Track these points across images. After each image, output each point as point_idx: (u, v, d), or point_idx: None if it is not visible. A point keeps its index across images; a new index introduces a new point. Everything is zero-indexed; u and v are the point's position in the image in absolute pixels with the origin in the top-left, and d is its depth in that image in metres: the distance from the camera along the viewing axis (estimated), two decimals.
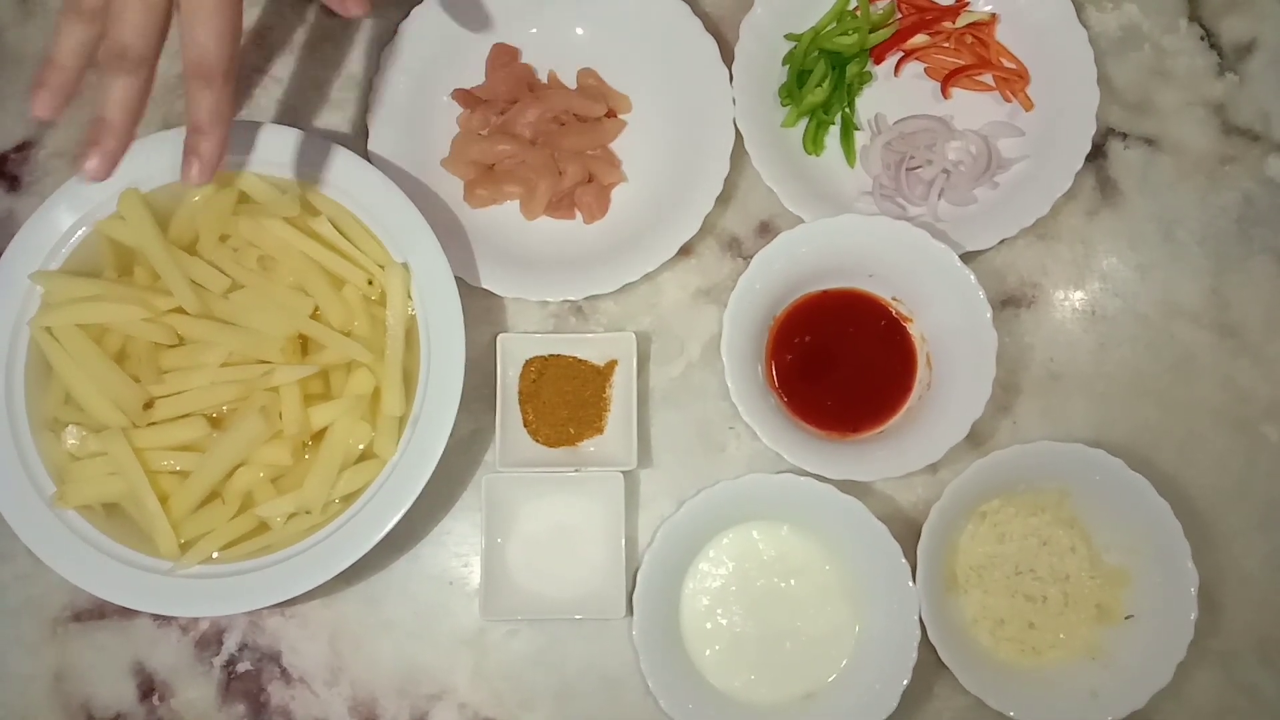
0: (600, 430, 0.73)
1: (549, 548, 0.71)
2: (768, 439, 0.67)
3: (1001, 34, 0.78)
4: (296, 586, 0.65)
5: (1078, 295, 0.77)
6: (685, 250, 0.75)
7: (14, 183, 0.78)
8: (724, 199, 0.75)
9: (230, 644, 0.72)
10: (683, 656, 0.69)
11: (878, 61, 0.79)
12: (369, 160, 0.73)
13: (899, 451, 0.69)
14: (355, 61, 0.80)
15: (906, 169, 0.76)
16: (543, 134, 0.76)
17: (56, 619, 0.72)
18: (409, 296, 0.68)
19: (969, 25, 0.78)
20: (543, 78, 0.79)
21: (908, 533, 0.69)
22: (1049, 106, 0.77)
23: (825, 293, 0.74)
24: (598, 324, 0.76)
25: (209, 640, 0.72)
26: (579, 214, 0.77)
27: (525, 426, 0.73)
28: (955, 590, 0.71)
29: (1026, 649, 0.70)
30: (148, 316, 0.67)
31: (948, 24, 0.78)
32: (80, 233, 0.69)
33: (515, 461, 0.71)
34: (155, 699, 0.71)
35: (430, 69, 0.77)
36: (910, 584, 0.66)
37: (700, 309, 0.76)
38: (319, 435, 0.68)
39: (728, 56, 0.76)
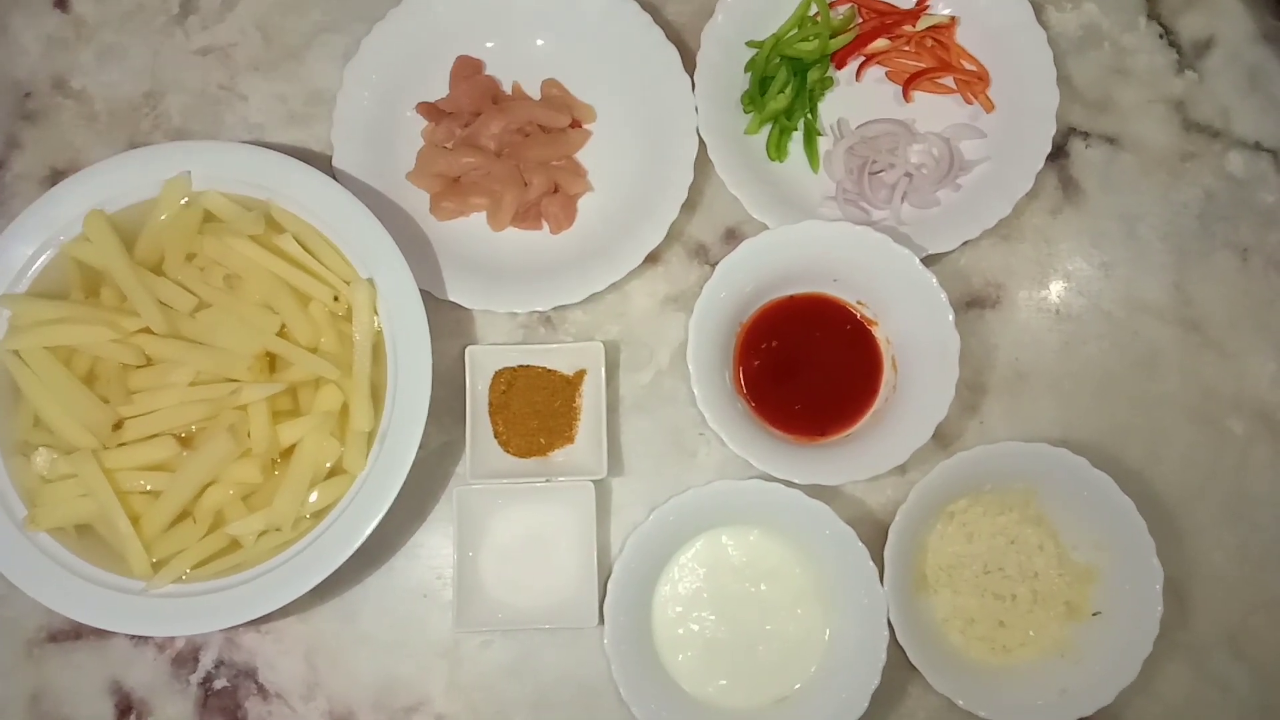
0: (571, 440, 0.73)
1: (521, 558, 0.72)
2: (735, 445, 0.68)
3: (961, 36, 0.79)
4: (270, 603, 0.65)
5: (1042, 294, 0.77)
6: (652, 258, 0.75)
7: None
8: (689, 207, 0.76)
9: (207, 661, 0.72)
10: (655, 663, 0.69)
11: (839, 66, 0.79)
12: (334, 176, 0.73)
13: (865, 454, 0.69)
14: (319, 77, 0.80)
15: (870, 173, 0.76)
16: (508, 145, 0.77)
17: (31, 640, 0.72)
18: (375, 311, 0.69)
19: (929, 28, 0.79)
20: (506, 89, 0.79)
21: (877, 534, 0.69)
22: (1010, 107, 0.77)
23: (791, 298, 0.74)
24: (566, 334, 0.76)
25: (185, 658, 0.72)
26: (545, 224, 0.77)
27: (496, 438, 0.73)
28: (925, 590, 0.71)
29: (997, 647, 0.70)
30: (115, 337, 0.67)
31: (908, 28, 0.79)
32: (46, 255, 0.70)
33: (486, 473, 0.72)
34: (133, 717, 0.71)
35: (394, 83, 0.77)
36: (879, 586, 0.67)
37: (669, 316, 0.77)
38: (288, 452, 0.68)
39: (690, 65, 0.76)
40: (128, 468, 0.67)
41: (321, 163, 0.73)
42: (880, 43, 0.79)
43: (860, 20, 0.79)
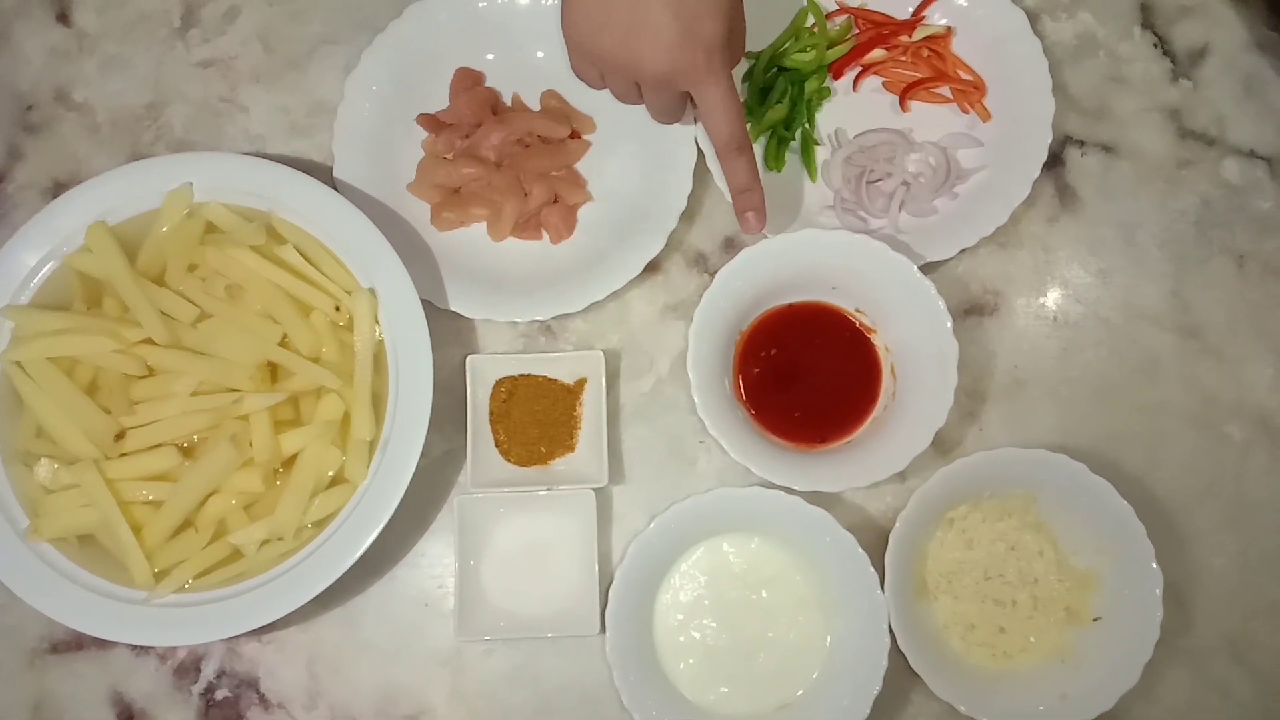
0: (571, 448, 0.74)
1: (523, 566, 0.72)
2: (735, 452, 0.68)
3: (957, 46, 0.79)
4: (272, 612, 0.65)
5: (1040, 302, 0.78)
6: (652, 267, 0.75)
7: None
8: (689, 216, 0.76)
9: (208, 671, 0.72)
10: (657, 671, 0.70)
11: (836, 77, 0.80)
12: (336, 187, 0.74)
13: (865, 461, 0.70)
14: (320, 89, 0.81)
15: (867, 182, 0.77)
16: (507, 156, 0.77)
17: (33, 650, 0.72)
18: (376, 321, 0.69)
19: (925, 39, 0.79)
20: (506, 100, 0.80)
21: (878, 541, 0.69)
22: (1006, 116, 0.78)
23: (790, 306, 0.74)
24: (567, 343, 0.77)
25: (187, 668, 0.72)
26: (545, 234, 0.77)
27: (497, 447, 0.73)
28: (926, 597, 0.71)
29: (997, 653, 0.70)
30: (118, 348, 0.67)
31: (904, 38, 0.79)
32: (49, 266, 0.70)
33: (487, 482, 0.72)
34: None
35: (395, 95, 0.78)
36: (879, 592, 0.67)
37: (668, 325, 0.77)
38: (290, 462, 0.68)
39: None
40: (130, 478, 0.67)
41: (323, 173, 0.73)
42: (877, 53, 0.79)
43: (857, 31, 0.80)
